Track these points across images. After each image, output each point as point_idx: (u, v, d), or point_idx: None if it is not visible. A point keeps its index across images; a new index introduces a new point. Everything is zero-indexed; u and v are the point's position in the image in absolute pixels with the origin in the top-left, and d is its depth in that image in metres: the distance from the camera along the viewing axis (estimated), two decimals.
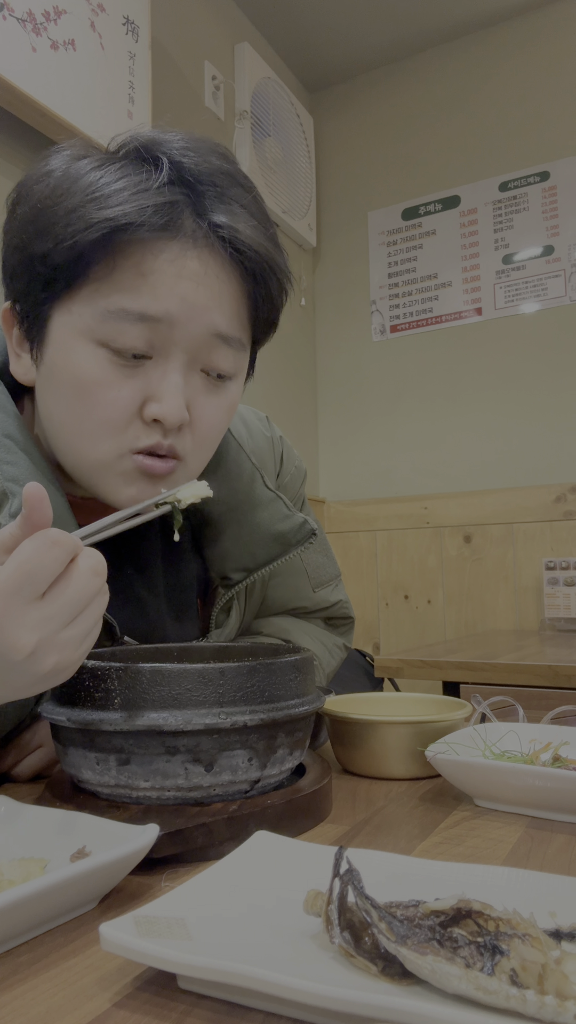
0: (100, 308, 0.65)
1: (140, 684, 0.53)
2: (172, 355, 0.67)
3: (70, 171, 0.66)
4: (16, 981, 0.37)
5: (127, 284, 0.65)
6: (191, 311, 0.66)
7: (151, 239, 0.64)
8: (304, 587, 0.96)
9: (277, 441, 0.97)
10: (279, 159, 2.61)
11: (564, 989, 0.31)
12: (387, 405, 2.79)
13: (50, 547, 0.47)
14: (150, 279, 0.65)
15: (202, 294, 0.66)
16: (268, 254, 0.69)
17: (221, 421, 0.73)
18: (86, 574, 0.49)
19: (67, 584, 0.48)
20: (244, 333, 0.72)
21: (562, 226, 2.54)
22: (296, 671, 0.59)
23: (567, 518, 2.43)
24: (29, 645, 0.46)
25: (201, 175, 0.66)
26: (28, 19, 1.56)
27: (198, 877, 0.42)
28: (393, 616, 2.68)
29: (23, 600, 0.46)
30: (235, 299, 0.69)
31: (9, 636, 0.46)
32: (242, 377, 0.76)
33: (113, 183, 0.64)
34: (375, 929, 0.35)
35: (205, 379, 0.70)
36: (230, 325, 0.69)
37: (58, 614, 0.47)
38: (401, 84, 2.84)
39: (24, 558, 0.46)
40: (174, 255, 0.65)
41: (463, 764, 0.61)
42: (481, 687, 1.50)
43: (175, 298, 0.65)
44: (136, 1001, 0.35)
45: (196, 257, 0.66)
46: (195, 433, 0.71)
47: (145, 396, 0.67)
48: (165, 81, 2.11)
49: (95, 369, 0.66)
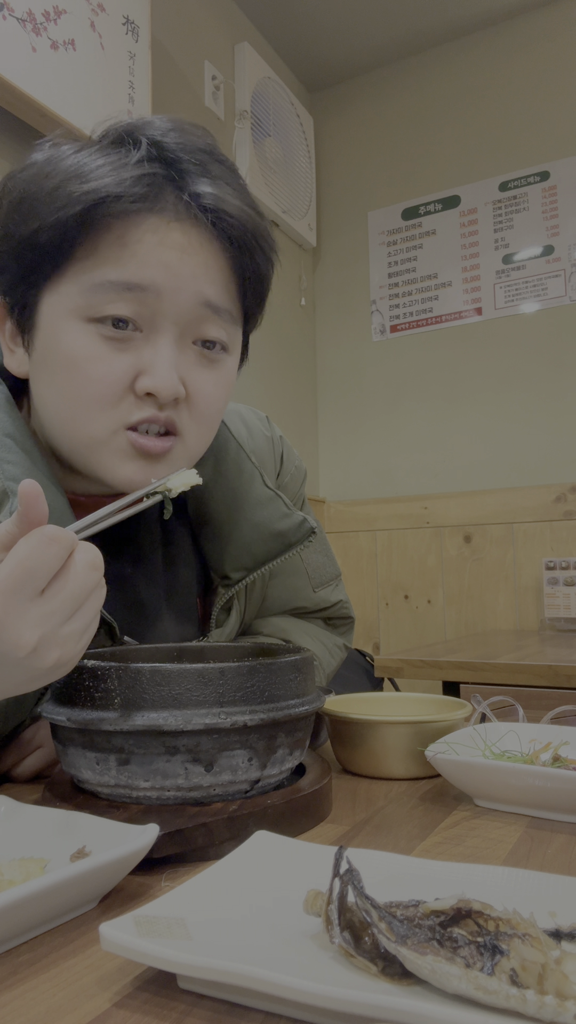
0: (86, 284, 0.65)
1: (140, 684, 0.53)
2: (162, 328, 0.67)
3: (52, 158, 0.67)
4: (16, 981, 0.37)
5: (111, 257, 0.65)
6: (177, 280, 0.66)
7: (133, 212, 0.65)
8: (304, 587, 0.96)
9: (277, 441, 0.97)
10: (279, 159, 2.61)
11: (564, 989, 0.31)
12: (387, 405, 2.79)
13: (48, 544, 0.47)
14: (133, 249, 0.65)
15: (187, 263, 0.66)
16: (252, 222, 0.70)
17: (219, 397, 0.73)
18: (84, 569, 0.49)
19: (66, 580, 0.48)
20: (234, 306, 0.72)
21: (562, 226, 2.54)
22: (296, 671, 0.59)
23: (567, 518, 2.43)
24: (31, 642, 0.47)
25: (181, 152, 0.67)
26: (28, 19, 1.56)
27: (198, 877, 0.42)
28: (393, 616, 2.68)
29: (23, 598, 0.47)
30: (222, 270, 0.69)
31: (11, 634, 0.46)
32: (236, 354, 0.76)
33: (93, 162, 0.65)
34: (375, 929, 0.35)
35: (199, 353, 0.70)
36: (219, 295, 0.69)
37: (58, 610, 0.48)
38: (401, 84, 2.84)
39: (23, 556, 0.46)
40: (156, 226, 0.66)
41: (463, 764, 0.61)
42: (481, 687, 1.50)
43: (159, 267, 0.65)
44: (136, 1001, 0.35)
45: (179, 228, 0.66)
46: (192, 408, 0.70)
47: (137, 370, 0.67)
48: (165, 81, 2.11)
49: (86, 346, 0.66)
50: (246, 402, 1.03)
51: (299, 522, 0.83)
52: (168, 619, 0.83)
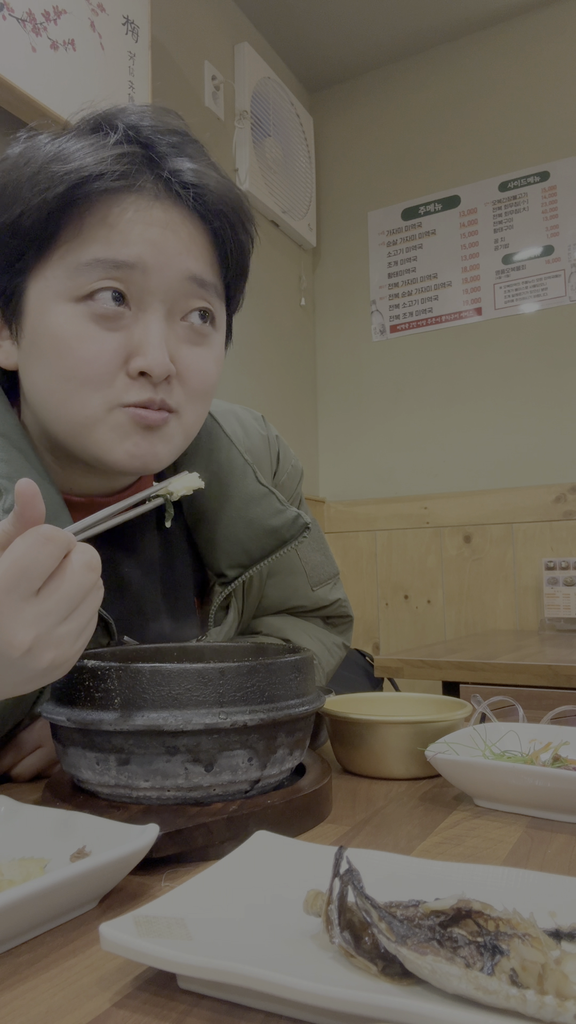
0: (72, 265, 0.66)
1: (140, 684, 0.53)
2: (150, 305, 0.67)
3: (29, 146, 0.68)
4: (16, 981, 0.37)
5: (96, 237, 0.66)
6: (162, 256, 0.66)
7: (114, 192, 0.66)
8: (302, 586, 0.96)
9: (273, 440, 0.97)
10: (279, 159, 2.61)
11: (564, 989, 0.31)
12: (387, 405, 2.79)
13: (43, 543, 0.47)
14: (118, 228, 0.66)
15: (171, 239, 0.67)
16: (231, 195, 0.71)
17: (210, 372, 0.73)
18: (80, 569, 0.49)
19: (62, 580, 0.48)
20: (219, 281, 0.73)
21: (562, 226, 2.54)
22: (296, 671, 0.59)
23: (567, 518, 2.43)
24: (26, 642, 0.47)
25: (156, 133, 0.68)
26: (28, 19, 1.56)
27: (198, 877, 0.42)
28: (393, 616, 2.68)
29: (18, 597, 0.46)
30: (205, 245, 0.70)
31: (6, 633, 0.46)
32: (223, 332, 0.76)
33: (73, 145, 0.66)
34: (375, 929, 0.35)
35: (188, 329, 0.70)
36: (204, 270, 0.70)
37: (54, 610, 0.48)
38: (401, 84, 2.84)
39: (18, 555, 0.46)
40: (138, 205, 0.66)
41: (463, 764, 0.61)
42: (481, 687, 1.50)
43: (145, 243, 0.66)
44: (136, 1001, 0.35)
45: (159, 207, 0.67)
46: (185, 385, 0.71)
47: (128, 351, 0.67)
48: (165, 81, 2.11)
49: (75, 326, 0.66)
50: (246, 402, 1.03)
51: (293, 518, 0.83)
52: (165, 618, 0.83)
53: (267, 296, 2.63)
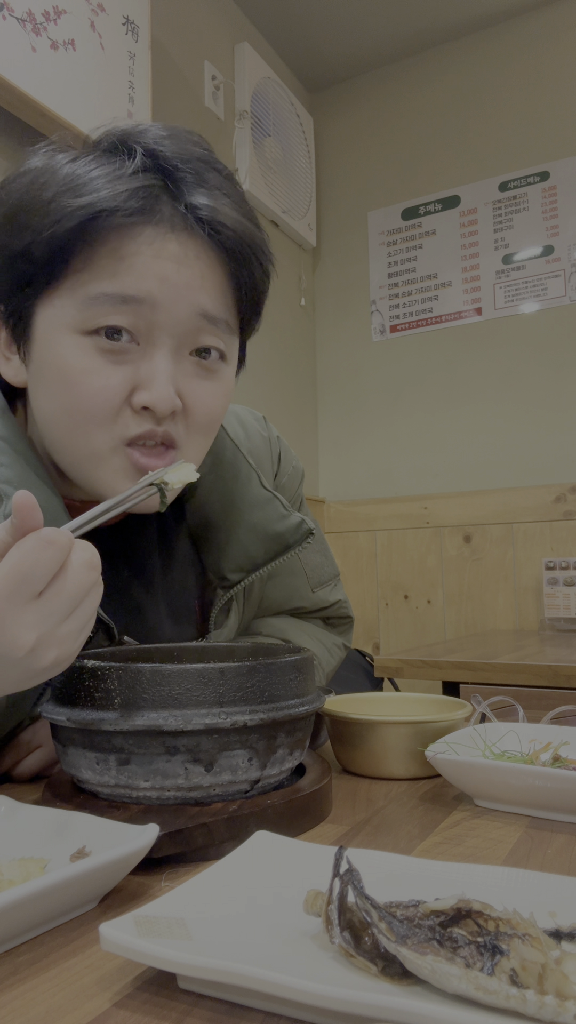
0: (81, 297, 0.65)
1: (140, 684, 0.53)
2: (158, 340, 0.66)
3: (46, 167, 0.66)
4: (16, 981, 0.37)
5: (106, 269, 0.64)
6: (173, 291, 0.65)
7: (128, 224, 0.64)
8: (303, 587, 0.96)
9: (275, 441, 0.97)
10: (279, 159, 2.61)
11: (564, 989, 0.31)
12: (387, 405, 2.79)
13: (45, 547, 0.47)
14: (128, 262, 0.64)
15: (184, 274, 0.66)
16: (248, 233, 0.69)
17: (217, 407, 0.72)
18: (81, 569, 0.49)
19: (63, 581, 0.49)
20: (231, 316, 0.71)
21: (562, 226, 2.54)
22: (296, 671, 0.59)
23: (567, 518, 2.43)
24: (29, 643, 0.47)
25: (177, 161, 0.66)
26: (28, 19, 1.56)
27: (198, 877, 0.42)
28: (393, 616, 2.68)
29: (21, 600, 0.47)
30: (219, 281, 0.69)
31: (9, 635, 0.47)
32: (234, 364, 0.75)
33: (88, 173, 0.64)
34: (375, 929, 0.35)
35: (196, 364, 0.69)
36: (216, 306, 0.68)
37: (56, 611, 0.48)
38: (401, 84, 2.84)
39: (18, 559, 0.47)
40: (151, 238, 0.65)
41: (463, 764, 0.61)
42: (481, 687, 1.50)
43: (155, 279, 0.64)
44: (136, 1001, 0.35)
45: (175, 240, 0.65)
46: (190, 420, 0.70)
47: (134, 384, 0.66)
48: (165, 81, 2.11)
49: (81, 359, 0.65)
50: (246, 402, 1.03)
51: (297, 523, 0.83)
52: (166, 621, 0.83)
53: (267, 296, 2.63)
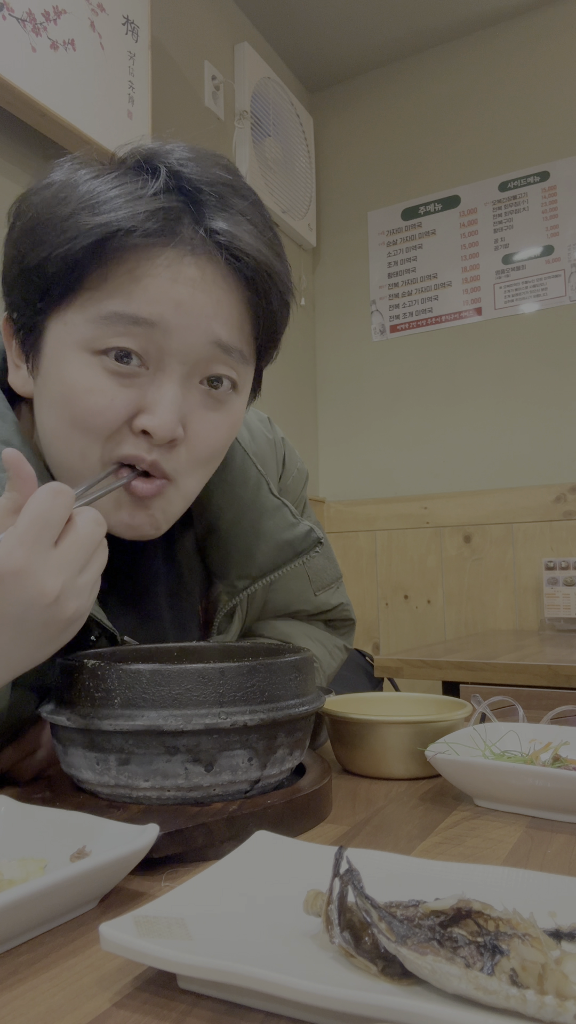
0: (93, 315, 0.63)
1: (140, 684, 0.53)
2: (168, 366, 0.64)
3: (68, 182, 0.65)
4: (16, 981, 0.37)
5: (121, 290, 0.63)
6: (187, 318, 0.63)
7: (146, 245, 0.63)
8: (305, 591, 0.96)
9: (279, 443, 0.97)
10: (279, 159, 2.61)
11: (564, 989, 0.31)
12: (387, 405, 2.79)
13: (56, 495, 0.51)
14: (143, 283, 0.63)
15: (200, 300, 0.64)
16: (268, 263, 0.67)
17: (220, 440, 0.70)
18: (89, 522, 0.54)
19: (75, 530, 0.53)
20: (247, 346, 0.70)
21: (562, 226, 2.54)
22: (296, 671, 0.59)
23: (567, 518, 2.43)
24: (55, 590, 0.51)
25: (200, 184, 0.64)
26: (28, 19, 1.56)
27: (198, 877, 0.42)
28: (393, 616, 2.68)
29: (43, 547, 0.51)
30: (236, 309, 0.67)
31: (37, 581, 0.50)
32: (246, 394, 0.74)
33: (108, 191, 0.63)
34: (375, 929, 0.35)
35: (205, 394, 0.68)
36: (231, 335, 0.66)
37: (74, 559, 0.52)
38: (401, 84, 2.84)
39: (35, 508, 0.51)
40: (169, 261, 0.63)
41: (463, 764, 0.61)
42: (481, 687, 1.50)
43: (170, 303, 0.63)
44: (136, 1001, 0.35)
45: (193, 264, 0.63)
46: (190, 451, 0.68)
47: (138, 407, 0.64)
48: (165, 81, 2.11)
49: (88, 378, 0.64)
50: None
51: (306, 532, 0.82)
52: (169, 625, 0.82)
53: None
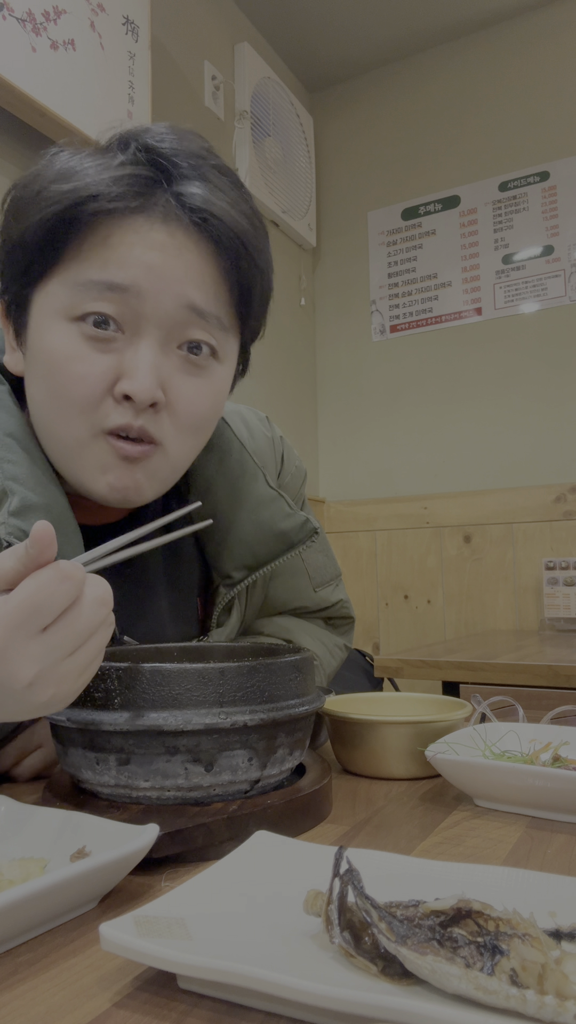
0: (71, 284, 0.66)
1: (140, 684, 0.53)
2: (144, 330, 0.66)
3: (48, 162, 0.67)
4: (16, 981, 0.37)
5: (95, 257, 0.65)
6: (159, 282, 0.65)
7: (119, 213, 0.65)
8: (305, 587, 0.96)
9: (278, 441, 0.97)
10: (279, 159, 2.61)
11: (564, 989, 0.31)
12: (387, 405, 2.79)
13: (60, 581, 0.46)
14: (117, 250, 0.65)
15: (171, 264, 0.65)
16: (240, 229, 0.68)
17: (205, 406, 0.71)
18: (92, 605, 0.48)
19: (71, 616, 0.47)
20: (226, 313, 0.70)
21: (562, 226, 2.54)
22: (296, 671, 0.59)
23: (567, 518, 2.43)
24: (29, 676, 0.46)
25: (174, 154, 0.66)
26: (28, 19, 1.56)
27: (198, 877, 0.42)
28: (393, 616, 2.68)
29: (26, 633, 0.45)
30: (209, 274, 0.68)
31: (10, 666, 0.45)
32: (230, 364, 0.74)
33: (81, 163, 0.66)
34: (375, 929, 0.35)
35: (184, 359, 0.69)
36: (206, 299, 0.67)
37: (60, 645, 0.47)
38: (401, 84, 2.84)
39: (34, 591, 0.45)
40: (141, 227, 0.65)
41: (463, 764, 0.61)
42: (481, 687, 1.50)
43: (142, 267, 0.64)
44: (136, 1001, 0.35)
45: (164, 229, 0.65)
46: (174, 416, 0.69)
47: (117, 373, 0.66)
48: (165, 81, 2.11)
49: (68, 346, 0.66)
50: (246, 402, 1.03)
51: (302, 522, 0.83)
52: (168, 618, 0.83)
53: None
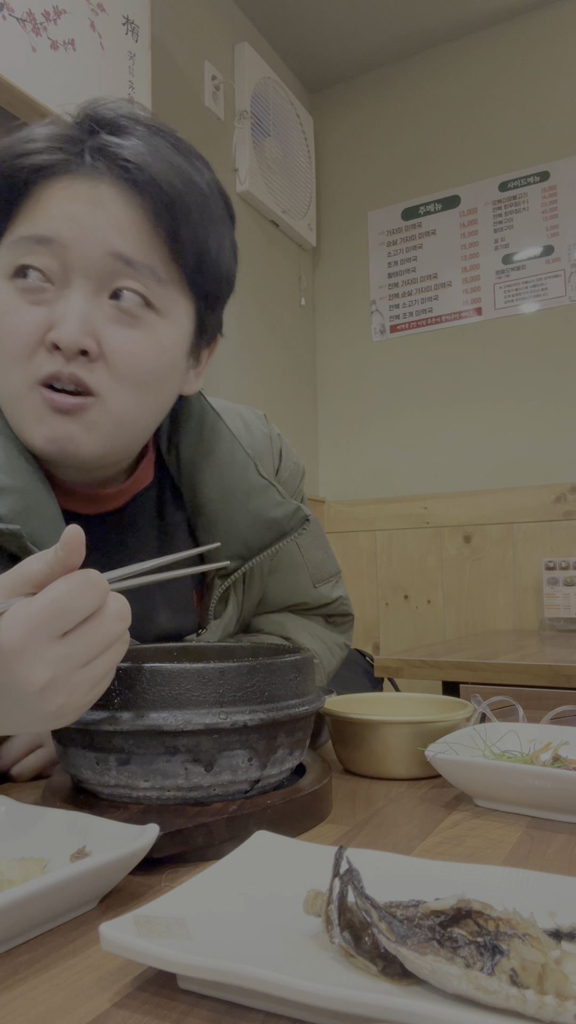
0: (9, 244, 0.69)
1: (140, 684, 0.53)
2: (73, 281, 0.68)
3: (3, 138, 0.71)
4: (16, 981, 0.37)
5: (29, 216, 0.68)
6: (83, 232, 0.67)
7: (50, 173, 0.68)
8: (305, 583, 0.97)
9: (275, 438, 0.98)
10: (279, 159, 2.61)
11: (564, 989, 0.31)
12: (387, 405, 2.79)
13: (87, 588, 0.46)
14: (46, 206, 0.68)
15: (95, 215, 0.67)
16: (166, 178, 0.68)
17: (145, 359, 0.71)
18: (111, 618, 0.48)
19: (91, 626, 0.47)
20: (161, 265, 0.70)
21: (562, 226, 2.54)
22: (296, 671, 0.59)
23: (567, 518, 2.43)
24: (42, 680, 0.46)
25: (110, 119, 0.70)
26: (28, 19, 1.56)
27: (198, 877, 0.42)
28: (393, 616, 2.68)
29: (47, 635, 0.46)
30: (137, 224, 0.68)
31: (26, 668, 0.46)
32: (177, 321, 0.73)
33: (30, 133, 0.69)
34: (375, 929, 0.35)
35: (115, 308, 0.69)
36: (132, 248, 0.68)
37: (77, 654, 0.47)
38: (401, 84, 2.84)
39: (59, 595, 0.46)
40: (69, 183, 0.68)
41: (463, 764, 0.61)
42: (481, 687, 1.50)
43: (66, 220, 0.67)
44: (136, 1001, 0.35)
45: (89, 183, 0.68)
46: (111, 367, 0.69)
47: (48, 324, 0.67)
48: (165, 81, 2.11)
49: (4, 301, 0.68)
50: (246, 402, 1.03)
51: (293, 510, 0.83)
52: (163, 609, 0.83)
53: (267, 296, 2.63)
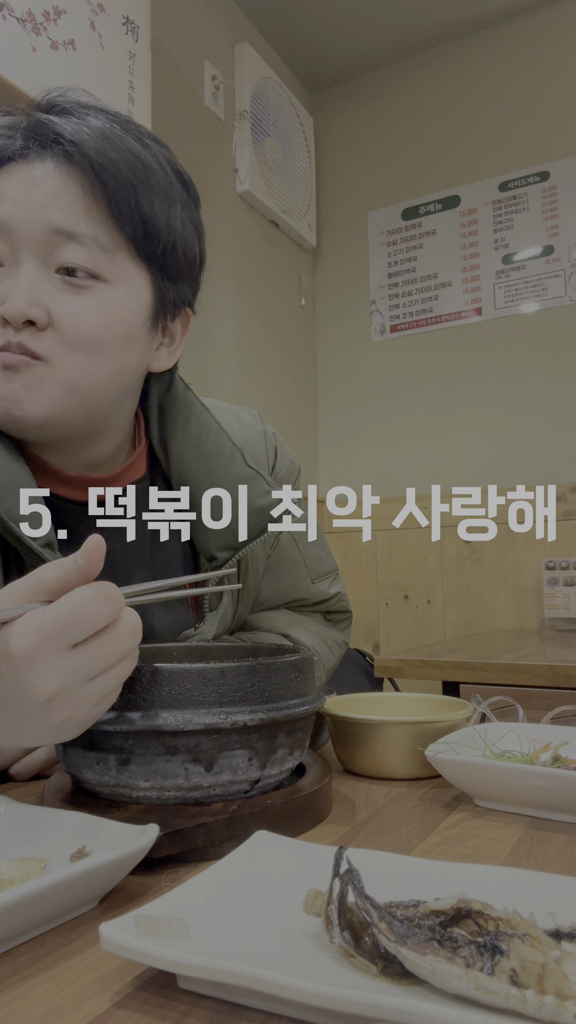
0: None
1: (139, 684, 0.53)
2: (21, 260, 0.70)
3: None
4: (16, 981, 0.37)
5: None
6: (22, 211, 0.70)
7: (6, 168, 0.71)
8: (303, 579, 0.97)
9: (270, 436, 0.98)
10: (279, 159, 2.61)
11: (564, 989, 0.31)
12: (387, 405, 2.79)
13: (103, 601, 0.47)
14: None
15: (34, 193, 0.70)
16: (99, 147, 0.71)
17: (95, 324, 0.72)
18: (123, 633, 0.49)
19: (105, 638, 0.48)
20: (103, 232, 0.72)
21: (562, 226, 2.54)
22: (296, 671, 0.59)
23: (567, 518, 2.43)
24: (50, 690, 0.46)
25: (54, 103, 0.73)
26: (28, 19, 1.56)
27: (198, 877, 0.42)
28: (393, 616, 2.67)
29: (59, 645, 0.46)
30: (77, 196, 0.71)
31: (35, 677, 0.46)
32: (128, 288, 0.75)
33: None
34: (375, 929, 0.35)
35: (63, 280, 0.71)
36: (71, 221, 0.70)
37: (87, 666, 0.47)
38: (401, 84, 2.84)
39: (74, 606, 0.46)
40: (14, 169, 0.71)
41: (463, 764, 0.61)
42: (481, 687, 1.50)
43: (9, 202, 0.70)
44: (136, 1001, 0.35)
45: (38, 166, 0.71)
46: (60, 332, 0.71)
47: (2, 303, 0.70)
48: (165, 81, 2.11)
49: None
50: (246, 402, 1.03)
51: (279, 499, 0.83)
52: (157, 606, 0.83)
53: (267, 296, 2.63)
